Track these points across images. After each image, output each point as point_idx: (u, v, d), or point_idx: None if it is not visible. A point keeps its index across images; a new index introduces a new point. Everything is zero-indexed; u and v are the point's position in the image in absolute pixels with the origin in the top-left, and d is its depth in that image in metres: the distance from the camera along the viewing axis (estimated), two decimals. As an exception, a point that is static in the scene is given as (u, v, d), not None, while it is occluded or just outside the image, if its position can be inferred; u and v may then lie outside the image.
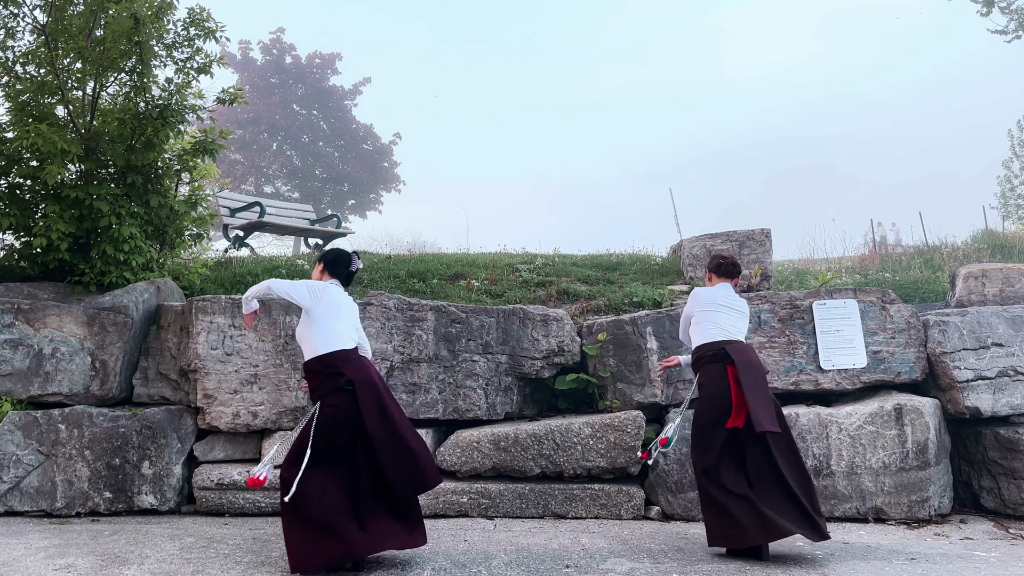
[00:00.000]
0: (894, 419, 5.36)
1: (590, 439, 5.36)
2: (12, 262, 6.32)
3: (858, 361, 5.73)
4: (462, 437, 5.46)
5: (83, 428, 5.38)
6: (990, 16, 18.73)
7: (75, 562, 4.01)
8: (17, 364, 5.56)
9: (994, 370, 5.64)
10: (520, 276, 7.56)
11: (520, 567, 4.01)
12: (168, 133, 6.37)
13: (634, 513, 5.32)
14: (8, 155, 5.99)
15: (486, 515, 5.32)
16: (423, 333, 5.69)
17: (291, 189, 25.83)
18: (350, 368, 3.90)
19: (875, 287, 6.13)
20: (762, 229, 6.81)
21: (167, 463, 5.42)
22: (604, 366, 5.82)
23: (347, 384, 3.87)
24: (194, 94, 6.71)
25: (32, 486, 5.31)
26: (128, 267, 6.16)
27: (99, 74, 6.24)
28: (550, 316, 5.87)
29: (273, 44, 26.27)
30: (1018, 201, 24.00)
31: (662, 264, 8.11)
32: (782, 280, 7.70)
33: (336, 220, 11.33)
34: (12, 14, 6.31)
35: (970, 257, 8.79)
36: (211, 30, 6.60)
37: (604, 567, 4.03)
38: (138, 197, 6.35)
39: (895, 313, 5.85)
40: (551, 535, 4.78)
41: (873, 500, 5.30)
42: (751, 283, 6.55)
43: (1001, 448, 5.56)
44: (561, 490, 5.36)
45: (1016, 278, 6.35)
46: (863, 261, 9.56)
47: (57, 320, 5.66)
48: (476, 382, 5.69)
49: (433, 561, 4.11)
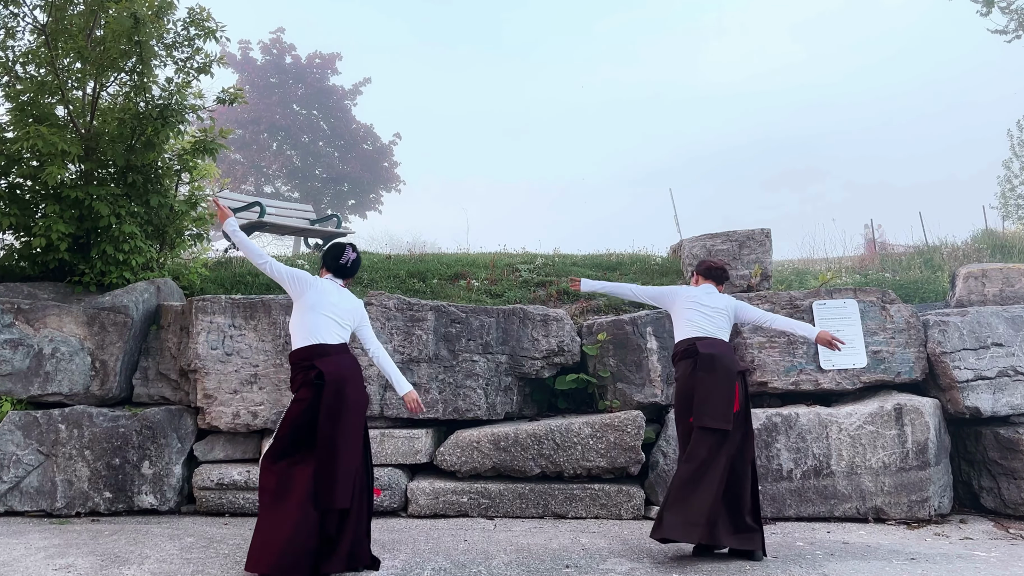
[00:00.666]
0: (894, 419, 5.36)
1: (590, 439, 5.36)
2: (12, 262, 6.33)
3: (858, 361, 5.73)
4: (462, 437, 5.46)
5: (83, 428, 5.38)
6: (990, 16, 18.73)
7: (75, 562, 4.01)
8: (17, 364, 5.56)
9: (994, 370, 5.64)
10: (520, 276, 7.56)
11: (520, 567, 4.01)
12: (168, 133, 6.37)
13: (634, 513, 5.32)
14: (8, 155, 5.99)
15: (486, 515, 5.32)
16: (423, 333, 5.69)
17: (291, 189, 25.82)
18: (325, 363, 3.84)
19: (875, 287, 6.13)
20: (762, 229, 6.80)
21: (167, 463, 5.42)
22: (604, 366, 5.82)
23: (317, 379, 3.81)
24: (194, 94, 6.71)
25: (32, 486, 5.31)
26: (128, 267, 6.16)
27: (99, 74, 6.24)
28: (550, 316, 5.87)
29: (273, 44, 26.25)
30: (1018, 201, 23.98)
31: (662, 264, 8.11)
32: (782, 280, 7.70)
33: (336, 220, 11.32)
34: (12, 14, 6.31)
35: (970, 257, 8.79)
36: (211, 30, 6.60)
37: (604, 567, 4.03)
38: (138, 197, 6.35)
39: (895, 313, 5.85)
40: (551, 535, 4.78)
41: (873, 500, 5.30)
42: (751, 283, 6.54)
43: (1001, 448, 5.56)
44: (561, 490, 5.36)
45: (1016, 278, 6.35)
46: (863, 261, 9.55)
47: (57, 320, 5.66)
48: (476, 382, 5.69)
49: (433, 561, 4.11)
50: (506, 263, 8.05)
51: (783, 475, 5.36)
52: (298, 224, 10.25)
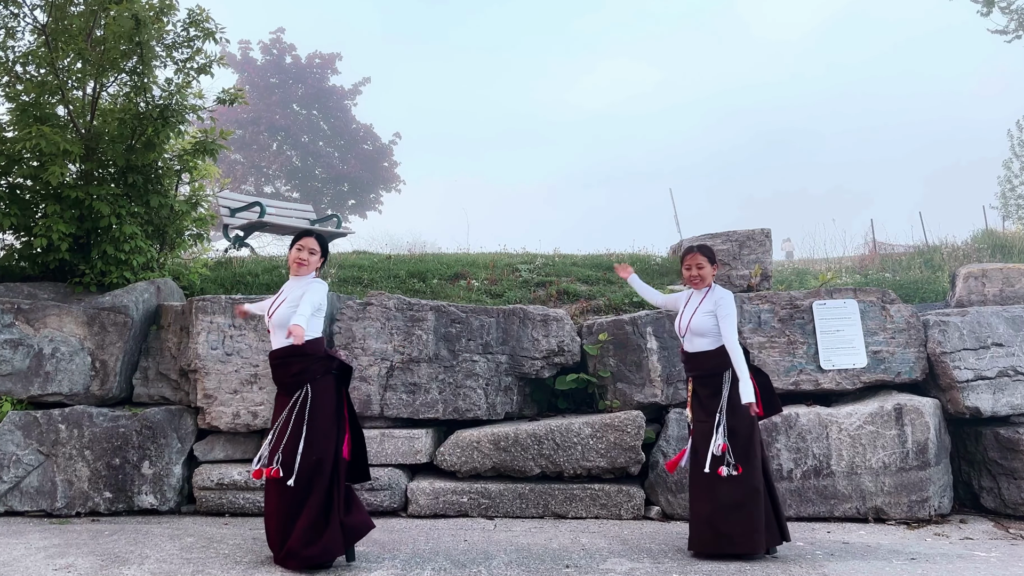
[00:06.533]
0: (894, 419, 5.36)
1: (590, 439, 5.36)
2: (12, 262, 6.33)
3: (858, 361, 5.73)
4: (462, 437, 5.46)
5: (83, 428, 5.38)
6: (990, 16, 18.73)
7: (75, 562, 4.01)
8: (17, 364, 5.56)
9: (994, 370, 5.64)
10: (520, 276, 7.56)
11: (520, 567, 4.01)
12: (168, 133, 6.37)
13: (634, 513, 5.32)
14: (9, 155, 6.00)
15: (486, 515, 5.32)
16: (423, 333, 5.69)
17: (291, 189, 25.84)
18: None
19: (875, 287, 6.13)
20: (762, 229, 6.81)
21: (167, 463, 5.42)
22: (604, 366, 5.82)
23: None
24: (194, 94, 6.71)
25: (32, 486, 5.31)
26: (128, 267, 6.16)
27: (99, 74, 6.25)
28: (550, 316, 5.88)
29: (273, 44, 26.28)
30: (1018, 201, 23.99)
31: (662, 264, 8.10)
32: (782, 280, 7.70)
33: (336, 220, 11.33)
34: (12, 14, 6.31)
35: (970, 257, 8.79)
36: (211, 31, 6.60)
37: (604, 567, 4.03)
38: (138, 197, 6.35)
39: (895, 313, 5.85)
40: (551, 535, 4.78)
41: (873, 500, 5.30)
42: (751, 283, 6.54)
43: (1001, 448, 5.56)
44: (561, 490, 5.36)
45: (1016, 278, 6.35)
46: (863, 261, 9.55)
47: (57, 320, 5.66)
48: (476, 382, 5.69)
49: (433, 561, 4.11)
50: (506, 263, 8.05)
51: (783, 475, 5.36)
52: (298, 224, 10.25)
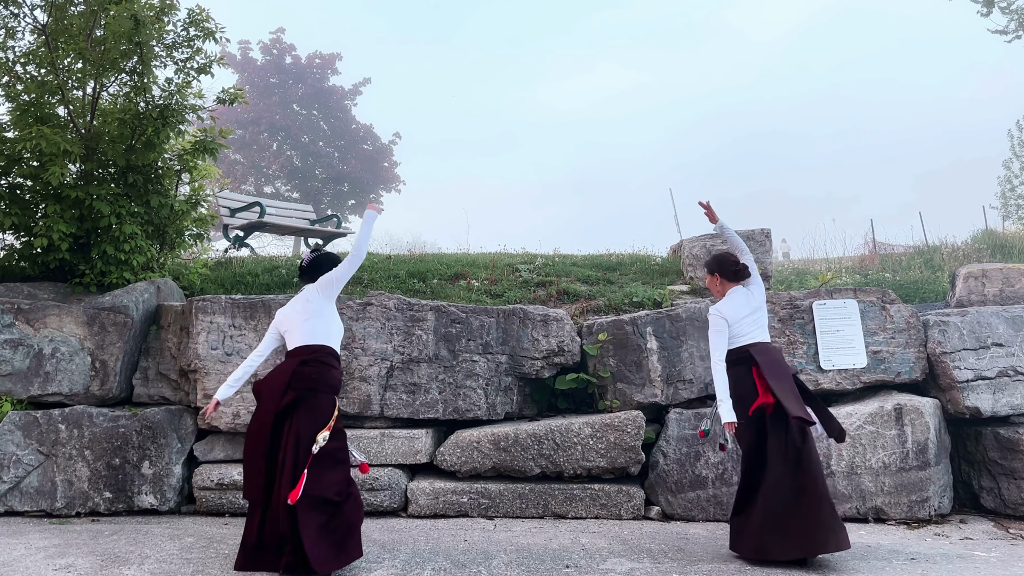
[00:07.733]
0: (894, 419, 5.36)
1: (590, 439, 5.36)
2: (12, 262, 6.33)
3: (858, 361, 5.73)
4: (462, 437, 5.46)
5: (83, 428, 5.38)
6: (990, 16, 18.72)
7: (75, 562, 4.02)
8: (17, 364, 5.56)
9: (994, 370, 5.64)
10: (520, 276, 7.56)
11: (520, 567, 4.01)
12: (168, 133, 6.37)
13: (634, 513, 5.32)
14: (9, 155, 6.00)
15: (486, 515, 5.32)
16: (423, 333, 5.69)
17: (291, 189, 25.84)
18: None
19: (875, 287, 6.13)
20: (762, 229, 6.81)
21: (167, 463, 5.42)
22: (604, 366, 5.82)
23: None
24: (194, 94, 6.72)
25: (32, 486, 5.31)
26: (128, 267, 6.16)
27: (99, 74, 6.25)
28: (550, 316, 5.87)
29: (273, 44, 26.27)
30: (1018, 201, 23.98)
31: (662, 264, 8.10)
32: (782, 280, 7.70)
33: (336, 220, 11.34)
34: (12, 14, 6.31)
35: (970, 257, 8.79)
36: (210, 31, 6.60)
37: (604, 567, 4.03)
38: (138, 197, 6.35)
39: (895, 313, 5.86)
40: (551, 535, 4.78)
41: (873, 500, 5.30)
42: (751, 283, 6.54)
43: (1001, 448, 5.56)
44: (561, 490, 5.36)
45: (1016, 278, 6.35)
46: (863, 261, 9.55)
47: (57, 320, 5.66)
48: (476, 382, 5.69)
49: (433, 561, 4.11)
50: (506, 263, 8.05)
51: (783, 475, 5.36)
52: (298, 224, 10.26)
